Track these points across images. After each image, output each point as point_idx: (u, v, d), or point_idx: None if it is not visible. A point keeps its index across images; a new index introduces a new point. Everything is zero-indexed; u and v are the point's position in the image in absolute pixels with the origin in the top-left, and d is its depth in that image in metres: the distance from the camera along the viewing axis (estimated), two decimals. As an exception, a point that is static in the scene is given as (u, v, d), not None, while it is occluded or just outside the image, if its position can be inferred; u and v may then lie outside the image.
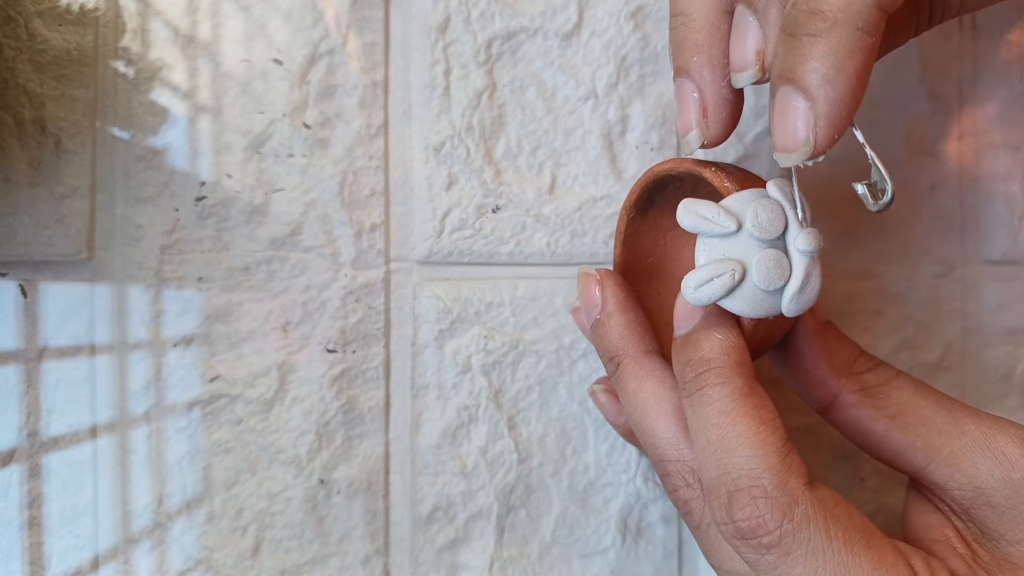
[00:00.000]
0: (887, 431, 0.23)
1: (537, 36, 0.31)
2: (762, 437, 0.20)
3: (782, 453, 0.20)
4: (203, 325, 0.29)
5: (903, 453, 0.23)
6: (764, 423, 0.20)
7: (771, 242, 0.20)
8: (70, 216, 0.28)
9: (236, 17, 0.29)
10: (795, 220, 0.21)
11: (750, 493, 0.19)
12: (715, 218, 0.20)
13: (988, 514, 0.21)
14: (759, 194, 0.21)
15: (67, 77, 0.28)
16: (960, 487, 0.22)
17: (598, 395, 0.28)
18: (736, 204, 0.21)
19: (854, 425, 0.23)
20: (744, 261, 0.20)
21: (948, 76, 0.33)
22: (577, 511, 0.31)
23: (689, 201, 0.21)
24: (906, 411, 0.23)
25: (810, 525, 0.19)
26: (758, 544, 0.19)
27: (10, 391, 0.28)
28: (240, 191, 0.29)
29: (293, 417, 0.29)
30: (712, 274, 0.20)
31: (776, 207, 0.20)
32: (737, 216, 0.20)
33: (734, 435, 0.20)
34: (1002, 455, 0.21)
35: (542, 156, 0.31)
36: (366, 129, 0.30)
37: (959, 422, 0.22)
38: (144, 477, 0.28)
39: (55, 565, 0.28)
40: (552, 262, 0.31)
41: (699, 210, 0.20)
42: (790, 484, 0.19)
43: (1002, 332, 0.33)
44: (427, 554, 0.30)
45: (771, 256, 0.20)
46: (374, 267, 0.30)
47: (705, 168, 0.23)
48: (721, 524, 0.20)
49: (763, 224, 0.20)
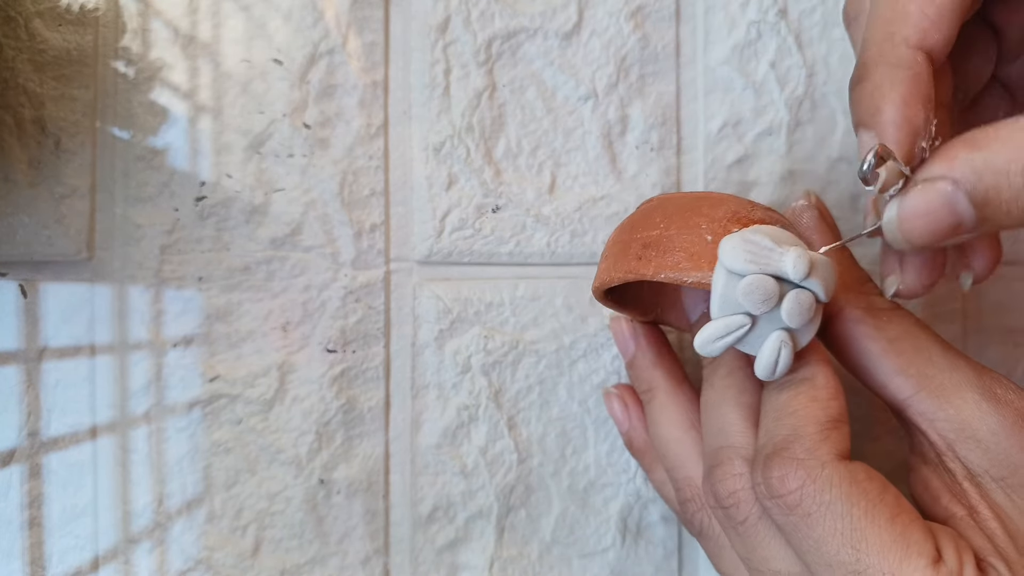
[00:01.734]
0: (883, 352, 0.23)
1: (537, 36, 0.31)
2: (807, 410, 0.21)
3: (823, 425, 0.21)
4: (203, 325, 0.29)
5: (893, 378, 0.23)
6: (815, 400, 0.21)
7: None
8: (70, 216, 0.28)
9: (236, 17, 0.29)
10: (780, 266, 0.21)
11: (783, 455, 0.20)
12: (771, 249, 0.21)
13: (972, 450, 0.22)
14: (790, 240, 0.21)
15: (67, 77, 0.28)
16: (946, 419, 0.22)
17: (611, 399, 0.29)
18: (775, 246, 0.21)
19: (851, 340, 0.24)
20: None
21: (948, 76, 0.33)
22: (577, 511, 0.31)
23: (743, 239, 0.21)
24: (905, 337, 0.23)
25: (832, 489, 0.20)
26: (783, 503, 0.20)
27: (10, 391, 0.28)
28: (240, 191, 0.29)
29: (293, 417, 0.29)
30: (728, 329, 0.21)
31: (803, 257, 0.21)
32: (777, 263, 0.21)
33: (781, 407, 0.22)
34: (991, 392, 0.22)
35: (542, 156, 0.31)
36: (366, 129, 0.30)
37: (952, 359, 0.23)
38: (144, 477, 0.28)
39: (55, 565, 0.28)
40: (552, 262, 0.31)
41: (754, 246, 0.21)
42: (820, 451, 0.20)
43: (1002, 332, 0.33)
44: (427, 554, 0.30)
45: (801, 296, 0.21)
46: (374, 267, 0.30)
47: (645, 270, 0.23)
48: (758, 486, 0.21)
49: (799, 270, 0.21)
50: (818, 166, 0.32)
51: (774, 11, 0.32)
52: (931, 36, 0.21)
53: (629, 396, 0.29)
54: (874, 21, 0.22)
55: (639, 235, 0.23)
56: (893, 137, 0.20)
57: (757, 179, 0.32)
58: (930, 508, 0.23)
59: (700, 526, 0.24)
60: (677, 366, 0.28)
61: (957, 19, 0.21)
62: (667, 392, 0.27)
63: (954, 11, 0.21)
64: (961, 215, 0.19)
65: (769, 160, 0.32)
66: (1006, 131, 0.19)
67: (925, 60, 0.21)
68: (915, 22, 0.21)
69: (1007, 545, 0.21)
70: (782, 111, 0.32)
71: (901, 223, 0.20)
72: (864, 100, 0.21)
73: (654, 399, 0.27)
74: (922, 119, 0.20)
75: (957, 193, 0.19)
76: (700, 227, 0.22)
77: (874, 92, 0.21)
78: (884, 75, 0.21)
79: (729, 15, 0.32)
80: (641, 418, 0.28)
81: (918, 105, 0.20)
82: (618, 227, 0.25)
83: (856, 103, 0.22)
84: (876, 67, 0.21)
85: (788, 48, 0.32)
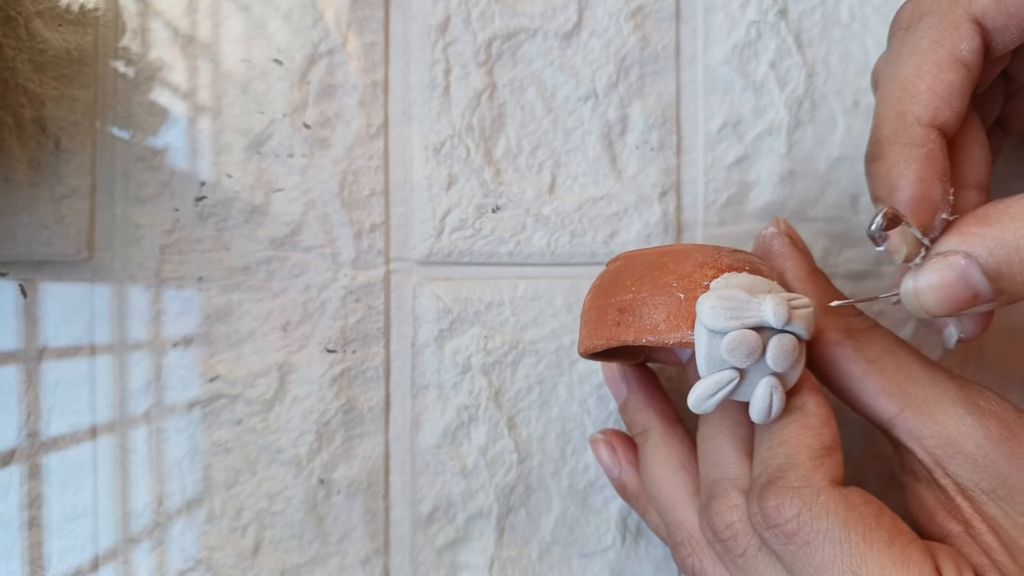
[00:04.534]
0: (865, 373, 0.23)
1: (537, 36, 0.31)
2: (799, 439, 0.21)
3: (815, 453, 0.21)
4: (203, 325, 0.29)
5: (878, 398, 0.23)
6: (806, 428, 0.22)
7: None
8: (70, 216, 0.28)
9: (236, 17, 0.29)
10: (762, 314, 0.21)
11: (778, 484, 0.21)
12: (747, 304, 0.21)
13: (961, 464, 0.22)
14: (765, 287, 0.22)
15: (67, 77, 0.28)
16: (932, 435, 0.22)
17: (599, 448, 0.29)
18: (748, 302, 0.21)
19: (833, 364, 0.24)
20: None
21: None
22: (577, 511, 0.31)
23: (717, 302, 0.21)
24: (885, 356, 0.23)
25: (828, 516, 0.20)
26: (780, 532, 0.20)
27: (10, 391, 0.28)
28: (240, 191, 0.29)
29: (293, 417, 0.29)
30: (718, 385, 0.21)
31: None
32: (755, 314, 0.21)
33: (774, 435, 0.22)
34: (974, 405, 0.22)
35: (542, 156, 0.31)
36: (366, 129, 0.30)
37: (934, 375, 0.23)
38: (144, 477, 0.28)
39: (55, 565, 0.28)
40: (552, 262, 0.31)
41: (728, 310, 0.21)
42: (815, 479, 0.20)
43: (1002, 332, 0.33)
44: (427, 554, 0.30)
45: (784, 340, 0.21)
46: (374, 267, 0.30)
47: (619, 337, 0.23)
48: (754, 516, 0.21)
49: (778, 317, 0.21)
50: (818, 166, 0.32)
51: (774, 11, 0.32)
52: (943, 113, 0.21)
53: (617, 440, 0.29)
54: (886, 98, 0.22)
55: (613, 300, 0.23)
56: (912, 213, 0.21)
57: (757, 179, 0.32)
58: (926, 526, 0.23)
59: (693, 570, 0.24)
60: (670, 406, 0.28)
61: (967, 93, 0.21)
62: (660, 433, 0.27)
63: (964, 87, 0.21)
64: (976, 287, 0.20)
65: (769, 160, 0.32)
66: (1016, 207, 0.20)
67: (938, 136, 0.21)
68: (926, 101, 0.21)
69: (1004, 558, 0.21)
70: (782, 111, 0.32)
71: (918, 294, 0.21)
72: (881, 177, 0.22)
73: (648, 440, 0.27)
74: (939, 194, 0.21)
75: (971, 267, 0.20)
76: (671, 286, 0.22)
77: (890, 170, 0.21)
78: (899, 154, 0.21)
79: (729, 15, 0.32)
80: (631, 461, 0.28)
81: (934, 180, 0.21)
82: (591, 289, 0.25)
83: (873, 180, 0.22)
84: (891, 145, 0.21)
85: (788, 48, 0.32)
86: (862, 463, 0.32)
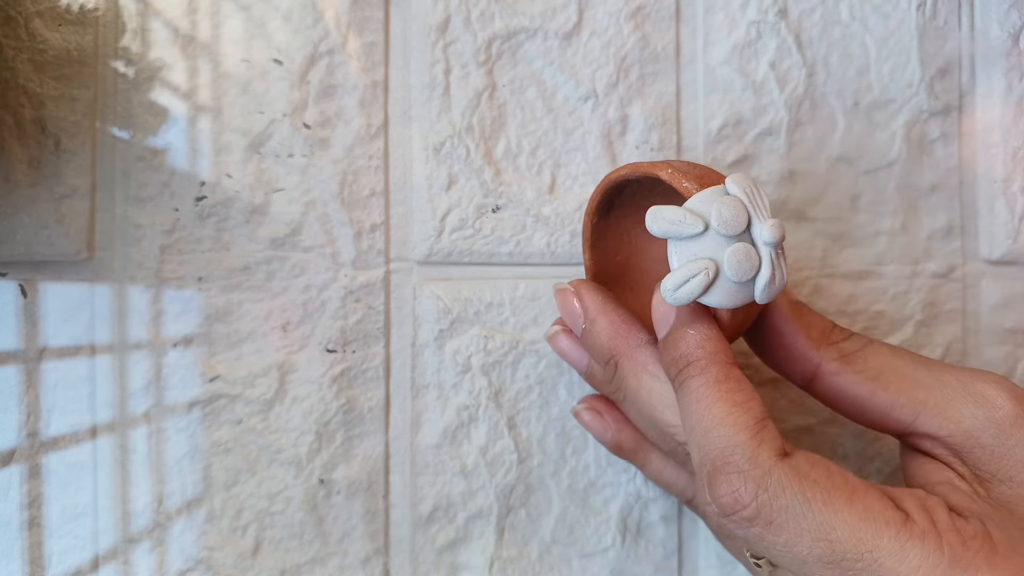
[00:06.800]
0: (871, 392, 0.23)
1: (537, 36, 0.31)
2: (734, 417, 0.21)
3: (753, 430, 0.21)
4: (203, 325, 0.29)
5: (890, 412, 0.23)
6: (737, 404, 0.21)
7: (737, 237, 0.21)
8: (70, 216, 0.28)
9: (236, 17, 0.29)
10: (757, 214, 0.21)
11: (725, 471, 0.20)
12: (682, 221, 0.21)
13: (980, 455, 0.22)
14: (720, 192, 0.22)
15: (67, 77, 0.28)
16: (951, 433, 0.22)
17: (581, 415, 0.29)
18: (699, 204, 0.21)
19: (839, 393, 0.24)
20: (715, 258, 0.21)
21: (948, 76, 0.33)
22: (577, 511, 0.31)
23: (656, 208, 0.21)
24: (886, 371, 0.23)
25: (785, 492, 0.20)
26: (740, 519, 0.20)
27: (10, 391, 0.28)
28: (240, 191, 0.29)
29: (293, 417, 0.29)
30: (688, 275, 0.21)
31: (738, 203, 0.21)
32: (703, 216, 0.21)
33: (709, 419, 0.21)
34: (982, 398, 0.22)
35: (542, 156, 0.31)
36: (366, 129, 0.30)
37: (938, 375, 0.23)
38: (144, 477, 0.28)
39: (55, 565, 0.28)
40: (552, 262, 0.31)
41: (666, 215, 0.21)
42: (761, 457, 0.20)
43: (1002, 332, 0.33)
44: (427, 554, 0.30)
45: (740, 250, 0.21)
46: (374, 267, 0.30)
47: (662, 170, 0.23)
48: (707, 505, 0.21)
49: (728, 221, 0.21)
50: (818, 166, 0.32)
51: (774, 11, 0.32)
52: None
53: (599, 404, 0.29)
54: None
55: None
56: None
57: (757, 179, 0.32)
58: (917, 481, 0.24)
59: None
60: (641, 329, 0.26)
61: None
62: (637, 358, 0.25)
63: None
64: None
65: (769, 160, 0.32)
66: None
67: None
68: None
69: (991, 511, 0.21)
70: (782, 111, 0.32)
71: None
72: None
73: (618, 369, 0.26)
74: None
75: None
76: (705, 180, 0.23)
77: None
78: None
79: (729, 15, 0.32)
80: (619, 419, 0.28)
81: None
82: None
83: None
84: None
85: (788, 48, 0.32)
86: (862, 462, 0.32)
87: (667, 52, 0.31)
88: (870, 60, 0.33)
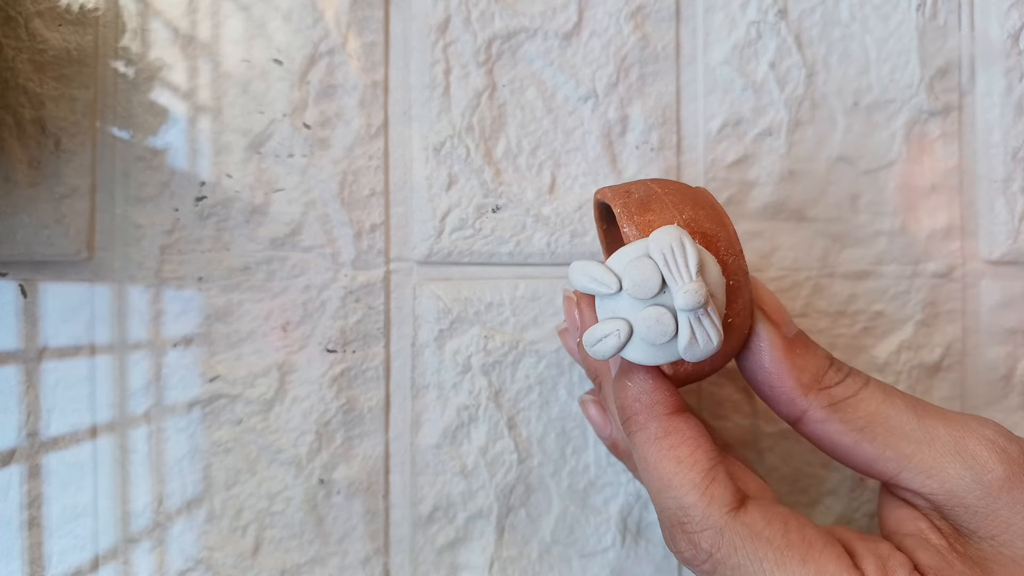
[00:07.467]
0: (856, 444, 0.23)
1: (537, 36, 0.31)
2: (680, 477, 0.21)
3: (701, 487, 0.21)
4: (203, 325, 0.29)
5: (874, 464, 0.23)
6: (681, 462, 0.21)
7: (652, 299, 0.21)
8: (70, 216, 0.28)
9: (236, 17, 0.29)
10: (674, 277, 0.20)
11: (681, 530, 0.21)
12: (599, 280, 0.21)
13: (962, 514, 0.21)
14: (641, 249, 0.21)
15: (67, 77, 0.28)
16: (933, 492, 0.22)
17: (588, 407, 0.29)
18: (618, 263, 0.21)
19: (823, 439, 0.23)
20: (630, 319, 0.21)
21: (948, 76, 0.33)
22: (577, 511, 0.31)
23: (579, 263, 0.21)
24: (875, 422, 0.23)
25: (737, 552, 0.20)
26: (701, 570, 0.21)
27: (10, 391, 0.28)
28: (240, 191, 0.29)
29: (293, 417, 0.29)
30: (602, 333, 0.21)
31: (650, 267, 0.20)
32: (618, 276, 0.21)
33: (657, 479, 0.22)
34: (972, 459, 0.21)
35: (542, 156, 0.31)
36: (366, 129, 0.30)
37: (929, 428, 0.22)
38: (144, 477, 0.28)
39: (55, 565, 0.28)
40: (552, 262, 0.31)
41: (587, 270, 0.21)
42: (712, 517, 0.21)
43: (1002, 332, 0.33)
44: (427, 554, 0.30)
45: (651, 315, 0.20)
46: (374, 267, 0.30)
47: (616, 202, 0.23)
48: (679, 553, 0.22)
49: (638, 285, 0.20)
50: (818, 166, 0.32)
51: (774, 11, 0.32)
52: None
53: None
54: None
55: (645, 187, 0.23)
56: None
57: (757, 179, 0.32)
58: (890, 528, 0.23)
59: None
60: None
61: None
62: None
63: None
64: None
65: (769, 160, 0.32)
66: None
67: None
68: None
69: (961, 564, 0.21)
70: (782, 111, 0.32)
71: None
72: None
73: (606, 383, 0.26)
74: None
75: None
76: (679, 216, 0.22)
77: None
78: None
79: (729, 15, 0.32)
80: None
81: None
82: None
83: None
84: None
85: (788, 48, 0.32)
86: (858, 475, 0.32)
87: (667, 52, 0.31)
88: (870, 60, 0.33)
